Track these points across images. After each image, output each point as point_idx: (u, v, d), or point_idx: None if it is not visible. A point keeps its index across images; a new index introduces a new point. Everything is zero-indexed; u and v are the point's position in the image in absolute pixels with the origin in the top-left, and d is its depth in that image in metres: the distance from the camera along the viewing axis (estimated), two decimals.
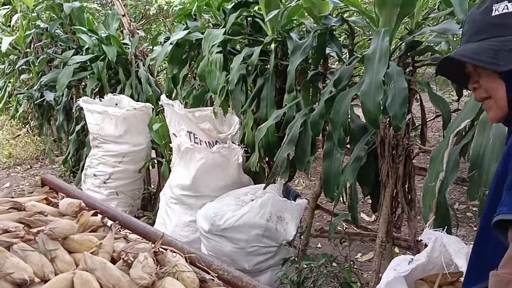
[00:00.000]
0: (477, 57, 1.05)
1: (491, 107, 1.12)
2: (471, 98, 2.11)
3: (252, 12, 3.41)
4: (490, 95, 1.11)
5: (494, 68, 1.03)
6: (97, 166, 4.11)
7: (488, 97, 1.11)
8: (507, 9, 1.06)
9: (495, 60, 1.02)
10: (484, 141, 1.86)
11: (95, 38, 4.68)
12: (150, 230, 1.79)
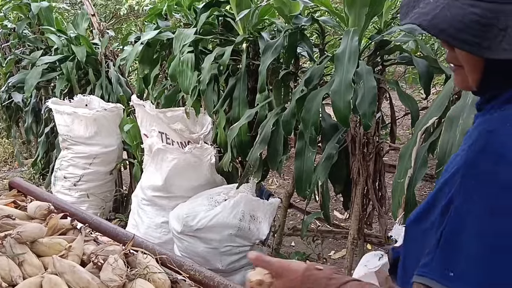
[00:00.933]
0: (459, 35, 0.71)
1: (460, 75, 0.85)
2: (439, 96, 2.15)
3: (223, 11, 3.41)
4: (463, 67, 0.83)
5: (476, 53, 0.73)
6: (67, 168, 4.04)
7: (460, 66, 0.83)
8: None
9: (479, 40, 0.71)
10: (451, 138, 1.90)
11: (64, 38, 4.60)
12: (120, 232, 1.77)
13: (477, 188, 0.70)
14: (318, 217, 2.84)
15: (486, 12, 0.70)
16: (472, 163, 0.72)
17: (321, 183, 2.51)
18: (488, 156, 0.71)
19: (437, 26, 0.73)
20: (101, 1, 8.45)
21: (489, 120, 0.76)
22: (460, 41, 0.72)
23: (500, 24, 0.69)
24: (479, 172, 0.71)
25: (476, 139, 0.74)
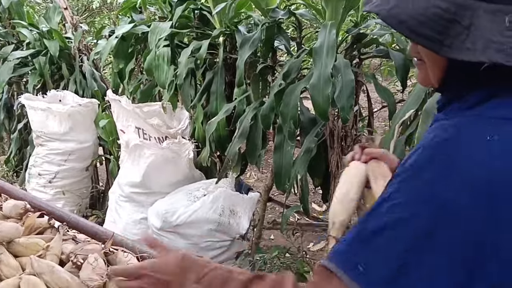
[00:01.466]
0: (420, 29, 0.65)
1: (422, 70, 0.79)
2: (415, 89, 2.17)
3: (199, 4, 3.37)
4: (425, 62, 0.77)
5: (437, 51, 0.66)
6: (41, 165, 3.97)
7: (422, 60, 0.77)
8: None
9: (441, 37, 0.64)
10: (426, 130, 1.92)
11: (36, 32, 4.50)
12: (99, 230, 1.74)
13: (409, 194, 0.66)
14: (298, 210, 2.85)
15: (451, 7, 0.64)
16: (417, 170, 0.67)
17: (300, 177, 2.52)
18: (433, 169, 0.65)
19: (396, 16, 0.66)
20: None
21: (448, 126, 0.70)
22: (420, 36, 0.65)
23: (464, 21, 0.63)
24: (419, 182, 0.66)
25: (428, 144, 0.69)
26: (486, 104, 0.69)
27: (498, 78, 0.68)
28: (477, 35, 0.63)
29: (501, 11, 0.63)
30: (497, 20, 0.63)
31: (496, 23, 0.63)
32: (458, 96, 0.73)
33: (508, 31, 0.63)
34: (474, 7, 0.64)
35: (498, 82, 0.69)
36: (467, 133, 0.67)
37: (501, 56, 0.62)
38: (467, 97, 0.72)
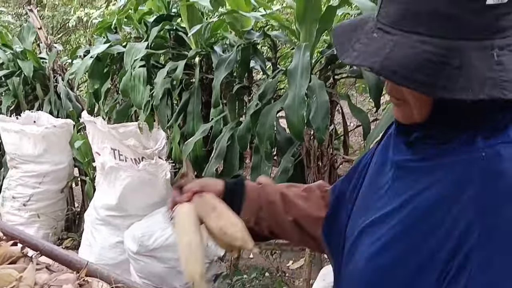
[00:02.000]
0: (413, 76, 0.65)
1: (403, 109, 0.78)
2: (389, 108, 2.21)
3: (174, 25, 3.38)
4: (408, 102, 0.76)
5: (431, 94, 0.67)
6: (15, 188, 3.89)
7: (403, 100, 0.76)
8: None
9: (434, 80, 0.64)
10: None
11: (10, 52, 4.44)
12: (73, 259, 1.71)
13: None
14: None
15: (439, 50, 0.64)
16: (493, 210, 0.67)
17: None
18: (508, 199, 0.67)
19: (389, 68, 0.66)
20: (48, 12, 8.22)
21: (491, 157, 0.70)
22: (413, 82, 0.65)
23: (454, 62, 0.64)
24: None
25: (484, 181, 0.69)
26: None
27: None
28: (470, 74, 0.64)
29: (487, 47, 0.64)
30: (485, 56, 0.64)
31: (485, 60, 0.64)
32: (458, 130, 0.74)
33: (497, 65, 0.64)
34: (461, 48, 0.64)
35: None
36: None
37: (498, 91, 0.63)
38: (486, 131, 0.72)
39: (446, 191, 0.72)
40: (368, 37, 0.70)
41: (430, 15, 0.65)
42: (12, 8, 8.74)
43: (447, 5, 0.64)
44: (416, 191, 0.76)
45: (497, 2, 0.64)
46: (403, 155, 0.82)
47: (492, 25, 0.65)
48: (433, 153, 0.77)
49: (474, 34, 0.65)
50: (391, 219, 0.78)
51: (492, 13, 0.64)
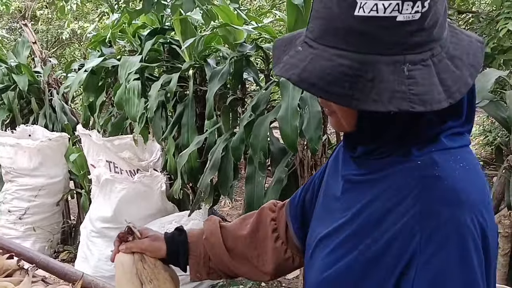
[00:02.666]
0: (330, 88, 0.68)
1: (334, 119, 0.82)
2: None
3: (168, 38, 3.42)
4: (336, 113, 0.80)
5: (347, 105, 0.69)
6: (11, 201, 3.89)
7: (333, 111, 0.81)
8: (376, 12, 0.66)
9: (349, 92, 0.67)
10: None
11: (5, 67, 4.47)
12: (69, 271, 1.72)
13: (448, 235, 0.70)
14: None
15: (354, 63, 0.67)
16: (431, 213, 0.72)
17: None
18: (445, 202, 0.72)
19: (306, 80, 0.69)
20: (42, 26, 8.26)
21: (426, 165, 0.75)
22: (331, 94, 0.68)
23: (368, 75, 0.67)
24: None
25: (422, 188, 0.73)
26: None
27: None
28: (381, 87, 0.66)
29: (399, 61, 0.67)
30: (396, 70, 0.67)
31: (396, 74, 0.67)
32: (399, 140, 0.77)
33: (408, 79, 0.66)
34: (374, 61, 0.67)
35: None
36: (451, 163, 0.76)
37: (406, 104, 0.66)
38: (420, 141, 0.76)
39: (390, 202, 0.76)
40: (295, 50, 0.73)
41: (347, 31, 0.68)
42: (6, 23, 8.78)
43: (360, 23, 0.67)
44: (363, 204, 0.80)
45: (407, 19, 0.67)
46: (350, 169, 0.86)
47: (404, 41, 0.67)
48: (376, 167, 0.80)
49: (386, 50, 0.67)
50: (341, 232, 0.82)
51: (404, 29, 0.67)
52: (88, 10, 8.21)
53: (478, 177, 0.77)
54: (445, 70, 0.69)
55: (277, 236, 1.08)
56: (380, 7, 0.66)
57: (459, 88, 0.69)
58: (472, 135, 5.11)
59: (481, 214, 0.72)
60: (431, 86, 0.67)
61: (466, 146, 0.80)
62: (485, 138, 6.68)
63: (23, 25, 4.72)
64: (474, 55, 0.73)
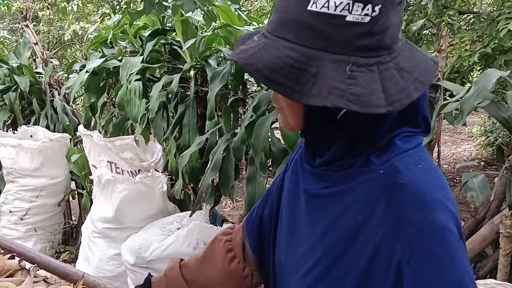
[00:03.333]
0: (273, 77, 0.69)
1: (282, 115, 0.84)
2: None
3: (169, 39, 3.42)
4: (283, 109, 0.82)
5: (289, 97, 0.70)
6: (12, 202, 3.90)
7: (282, 108, 0.82)
8: (327, 9, 0.68)
9: (292, 84, 0.68)
10: None
11: (6, 68, 4.47)
12: (71, 271, 1.72)
13: (427, 241, 0.70)
14: None
15: (300, 56, 0.69)
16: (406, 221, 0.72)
17: None
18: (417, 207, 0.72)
19: (252, 65, 0.71)
20: (43, 27, 8.27)
21: (389, 173, 0.75)
22: (273, 83, 0.69)
23: (312, 70, 0.68)
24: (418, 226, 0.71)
25: (389, 197, 0.73)
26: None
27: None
28: (322, 82, 0.68)
29: (344, 61, 0.68)
30: (339, 69, 0.68)
31: (339, 72, 0.68)
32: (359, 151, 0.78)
33: (349, 79, 0.68)
34: (320, 57, 0.69)
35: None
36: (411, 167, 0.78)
37: (342, 101, 0.67)
38: (368, 152, 0.78)
39: (360, 215, 0.76)
40: (252, 39, 0.76)
41: (299, 24, 0.70)
42: (7, 24, 8.80)
43: (312, 17, 0.69)
44: (332, 219, 0.79)
45: (357, 20, 0.68)
46: (310, 182, 0.86)
47: (351, 41, 0.69)
48: (338, 179, 0.81)
49: (333, 47, 0.69)
50: (315, 252, 0.81)
51: (353, 30, 0.68)
52: (89, 11, 8.23)
53: (436, 174, 0.78)
54: (390, 79, 0.69)
55: (233, 256, 1.10)
56: (331, 4, 0.68)
57: (401, 98, 0.69)
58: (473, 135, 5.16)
59: (449, 208, 0.72)
60: (371, 90, 0.68)
61: (420, 145, 0.81)
62: (486, 138, 6.68)
63: (25, 26, 4.73)
64: (424, 71, 0.74)
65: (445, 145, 7.78)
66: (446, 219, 0.71)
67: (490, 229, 2.04)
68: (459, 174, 6.23)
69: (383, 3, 0.68)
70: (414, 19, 4.31)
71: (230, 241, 1.12)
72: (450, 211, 0.72)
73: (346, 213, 0.78)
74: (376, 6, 0.67)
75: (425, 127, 0.82)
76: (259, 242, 1.06)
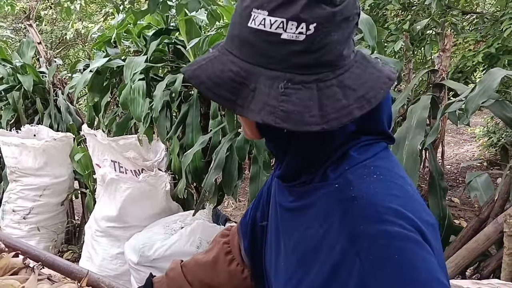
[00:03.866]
0: (216, 90, 0.70)
1: (243, 127, 0.86)
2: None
3: (173, 39, 3.43)
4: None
5: (231, 109, 0.72)
6: (15, 201, 3.90)
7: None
8: (263, 26, 0.69)
9: (233, 98, 0.70)
10: (398, 158, 1.97)
11: (10, 67, 4.48)
12: (75, 269, 1.72)
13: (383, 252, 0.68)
14: None
15: (241, 71, 0.70)
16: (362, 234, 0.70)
17: None
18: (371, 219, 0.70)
19: (198, 77, 0.72)
20: (46, 27, 8.29)
21: (342, 187, 0.75)
22: (216, 96, 0.71)
23: (251, 85, 0.69)
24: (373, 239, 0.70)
25: (343, 212, 0.72)
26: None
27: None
28: (258, 98, 0.69)
29: (279, 77, 0.69)
30: (274, 86, 0.69)
31: (273, 89, 0.68)
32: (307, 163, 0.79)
33: (282, 95, 0.68)
34: (258, 73, 0.70)
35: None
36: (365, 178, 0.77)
37: (272, 118, 0.67)
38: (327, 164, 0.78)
39: (321, 229, 0.75)
40: (208, 52, 0.78)
41: (241, 40, 0.72)
42: (11, 23, 8.82)
43: (251, 34, 0.70)
44: (300, 233, 0.80)
45: (291, 38, 0.68)
46: (282, 195, 0.88)
47: (287, 59, 0.69)
48: (301, 194, 0.81)
49: (270, 64, 0.70)
50: (290, 264, 0.82)
51: (288, 48, 0.69)
52: (92, 11, 8.25)
53: (393, 182, 0.76)
54: (330, 97, 0.69)
55: (232, 258, 1.11)
56: (267, 22, 0.69)
57: (339, 117, 0.68)
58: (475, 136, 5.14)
59: (406, 216, 0.70)
60: (304, 108, 0.68)
61: (380, 153, 0.80)
62: (489, 139, 6.67)
63: (28, 25, 4.74)
64: (372, 89, 0.72)
65: (447, 145, 7.77)
66: (403, 227, 0.69)
67: (494, 228, 2.03)
68: (461, 174, 6.23)
69: (319, 21, 0.68)
70: (417, 19, 4.30)
71: (228, 243, 1.13)
72: (408, 218, 0.70)
73: (310, 227, 0.78)
74: (311, 24, 0.68)
75: (388, 134, 0.82)
76: (252, 244, 1.07)
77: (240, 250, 1.10)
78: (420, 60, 5.18)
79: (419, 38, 4.37)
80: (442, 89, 2.32)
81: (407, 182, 0.78)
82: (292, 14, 0.68)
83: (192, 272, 1.14)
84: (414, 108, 2.14)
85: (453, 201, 4.94)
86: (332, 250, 0.72)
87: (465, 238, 2.18)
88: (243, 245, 1.09)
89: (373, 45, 2.20)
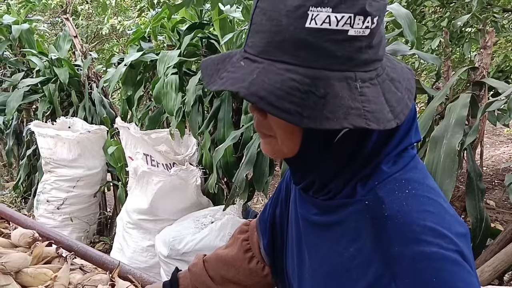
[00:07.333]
0: (279, 103, 0.63)
1: (270, 144, 0.76)
2: (422, 116, 2.18)
3: (207, 33, 3.43)
4: (276, 137, 0.74)
5: (297, 123, 0.63)
6: (50, 191, 3.99)
7: (271, 136, 0.75)
8: (329, 24, 0.63)
9: (299, 109, 0.62)
10: (435, 158, 1.92)
11: (46, 60, 4.57)
12: (106, 260, 1.73)
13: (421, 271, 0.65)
14: None
15: (304, 78, 0.63)
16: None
17: None
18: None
19: (256, 93, 0.63)
20: (82, 22, 8.43)
21: (374, 205, 0.71)
22: (280, 110, 0.62)
23: (319, 91, 0.63)
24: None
25: (376, 232, 0.69)
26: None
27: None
28: (335, 103, 0.63)
29: (351, 78, 0.64)
30: (349, 87, 0.64)
31: (350, 90, 0.64)
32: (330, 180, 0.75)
33: (360, 96, 0.64)
34: (325, 77, 0.64)
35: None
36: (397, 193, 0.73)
37: (362, 121, 0.63)
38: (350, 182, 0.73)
39: (352, 248, 0.72)
40: (235, 66, 0.69)
41: (294, 44, 0.64)
42: (48, 17, 9.01)
43: (311, 35, 0.63)
44: (327, 248, 0.77)
45: (358, 34, 0.64)
46: (305, 207, 0.84)
47: (355, 57, 0.65)
48: (327, 209, 0.77)
49: (337, 65, 0.64)
50: (316, 276, 0.80)
51: (355, 45, 0.64)
52: (128, 5, 8.35)
53: (426, 195, 0.71)
54: (389, 91, 0.67)
55: (252, 256, 1.09)
56: (332, 19, 0.63)
57: (403, 109, 0.67)
58: None
59: (443, 233, 0.67)
60: (381, 104, 0.65)
61: (409, 164, 0.75)
62: None
63: (65, 19, 4.82)
64: (408, 79, 0.71)
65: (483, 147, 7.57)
66: (440, 246, 0.65)
67: None
68: (497, 176, 6.06)
69: (379, 14, 0.65)
70: (456, 16, 4.19)
71: (248, 240, 1.11)
72: (445, 236, 0.66)
73: (339, 244, 0.74)
74: (375, 18, 0.65)
75: (415, 137, 0.77)
76: (271, 243, 1.05)
77: (260, 248, 1.08)
78: (458, 59, 5.05)
79: (458, 36, 4.25)
80: (482, 88, 2.24)
81: (438, 193, 0.74)
82: (358, 8, 0.63)
83: (213, 267, 1.14)
84: (453, 106, 2.07)
85: (489, 204, 4.81)
86: (366, 272, 0.69)
87: (503, 242, 2.10)
88: (262, 244, 1.06)
89: (412, 40, 2.14)
